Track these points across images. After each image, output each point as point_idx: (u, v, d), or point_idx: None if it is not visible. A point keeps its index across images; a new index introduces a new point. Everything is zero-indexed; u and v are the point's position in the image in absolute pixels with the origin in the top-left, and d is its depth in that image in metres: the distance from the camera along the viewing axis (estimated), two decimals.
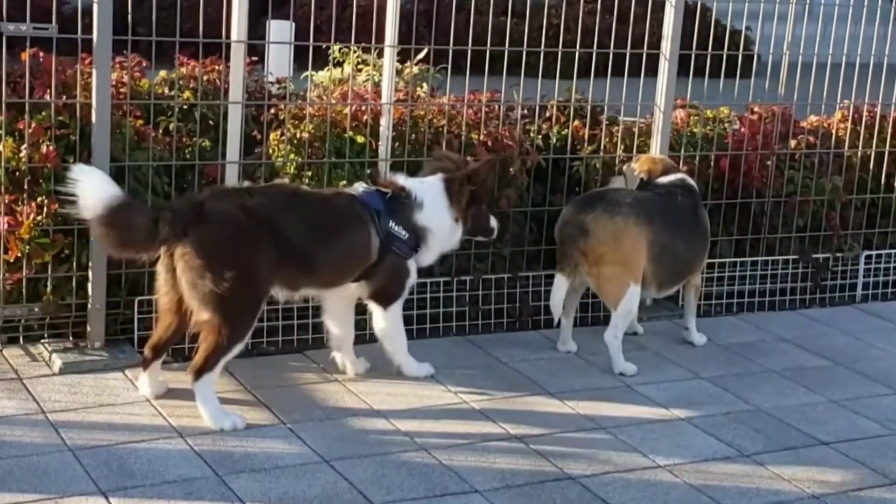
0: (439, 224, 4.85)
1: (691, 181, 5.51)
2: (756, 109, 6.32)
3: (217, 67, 5.50)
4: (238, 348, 4.48)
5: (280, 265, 4.49)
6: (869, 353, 5.65)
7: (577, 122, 6.01)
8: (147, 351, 4.62)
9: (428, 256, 4.90)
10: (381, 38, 5.32)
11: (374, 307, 4.86)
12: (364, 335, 5.09)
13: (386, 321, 4.85)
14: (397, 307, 4.85)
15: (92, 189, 4.26)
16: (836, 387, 5.21)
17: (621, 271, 5.15)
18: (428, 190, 4.84)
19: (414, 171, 5.41)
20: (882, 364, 5.51)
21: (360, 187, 4.80)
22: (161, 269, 4.47)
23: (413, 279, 4.87)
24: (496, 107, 5.77)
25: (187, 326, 4.54)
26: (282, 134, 5.27)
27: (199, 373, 4.42)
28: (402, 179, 4.85)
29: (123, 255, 4.53)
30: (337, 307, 4.88)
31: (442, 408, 4.74)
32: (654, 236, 5.18)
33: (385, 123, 5.35)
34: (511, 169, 5.63)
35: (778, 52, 6.28)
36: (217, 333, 4.39)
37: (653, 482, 4.27)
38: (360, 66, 6.03)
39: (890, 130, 6.47)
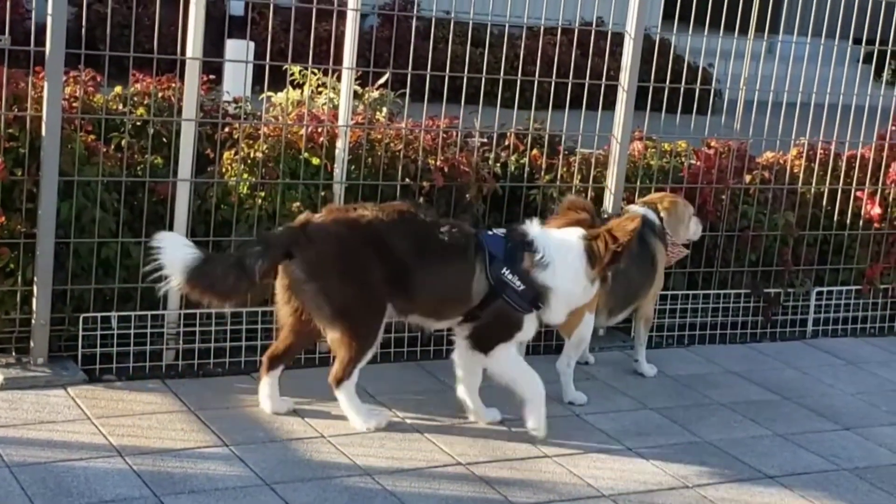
0: (570, 286, 4.62)
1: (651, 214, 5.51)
2: (713, 144, 6.36)
3: (173, 85, 5.47)
4: (370, 354, 4.61)
5: (389, 280, 4.51)
6: (817, 389, 5.67)
7: (535, 151, 6.02)
8: (264, 359, 4.71)
9: (554, 315, 4.68)
10: (340, 61, 5.32)
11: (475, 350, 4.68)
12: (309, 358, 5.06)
13: (494, 365, 4.68)
14: (501, 352, 4.64)
15: (172, 255, 4.39)
16: (783, 421, 5.22)
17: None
18: (564, 250, 4.62)
19: (369, 195, 5.42)
20: (829, 400, 5.53)
21: (498, 231, 4.70)
22: (277, 285, 4.56)
23: (526, 334, 4.69)
24: (454, 133, 5.77)
25: (305, 344, 4.77)
26: (235, 153, 5.24)
27: (339, 382, 4.60)
28: (535, 229, 4.65)
29: (230, 303, 4.60)
30: (459, 347, 4.75)
31: (388, 433, 4.71)
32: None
33: (341, 146, 5.33)
34: (467, 195, 5.62)
35: (737, 89, 6.32)
36: (347, 347, 4.54)
37: None
38: (319, 89, 6.02)
39: (843, 168, 6.52)
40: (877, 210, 6.53)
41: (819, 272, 6.57)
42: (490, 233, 4.70)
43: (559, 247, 4.64)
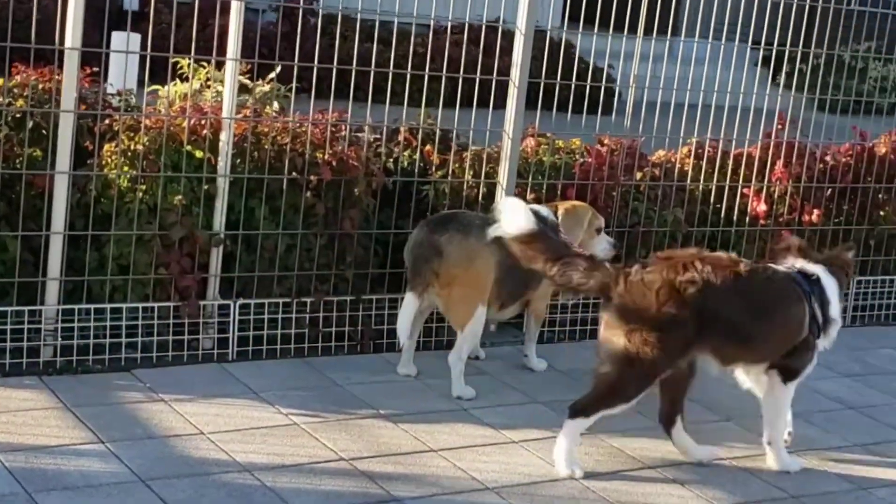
0: (838, 317, 4.81)
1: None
2: (605, 141, 6.40)
3: (56, 77, 5.34)
4: (620, 408, 4.55)
5: (707, 340, 4.52)
6: (702, 382, 5.69)
7: (427, 147, 6.00)
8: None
9: (827, 344, 4.84)
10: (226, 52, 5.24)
11: (774, 379, 4.75)
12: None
13: (781, 395, 4.76)
14: (793, 386, 4.79)
15: (516, 218, 4.46)
16: None
17: (471, 293, 5.14)
18: (831, 284, 4.79)
19: (254, 189, 5.36)
20: (711, 393, 5.57)
21: (793, 265, 4.78)
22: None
23: (813, 365, 4.83)
24: (343, 127, 5.72)
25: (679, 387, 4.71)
26: (116, 145, 5.13)
27: (575, 413, 4.53)
28: (809, 265, 4.79)
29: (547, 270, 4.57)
30: (762, 382, 4.83)
31: (270, 430, 4.64)
32: (500, 257, 5.16)
33: (225, 138, 5.25)
34: (356, 190, 5.58)
35: (636, 89, 6.37)
36: (610, 389, 4.49)
37: None
38: (209, 83, 5.93)
39: (731, 166, 6.60)
40: (762, 207, 6.62)
41: None
42: (795, 270, 4.78)
43: (827, 282, 4.79)
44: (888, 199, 7.00)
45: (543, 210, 5.50)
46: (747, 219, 6.65)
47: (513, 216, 4.51)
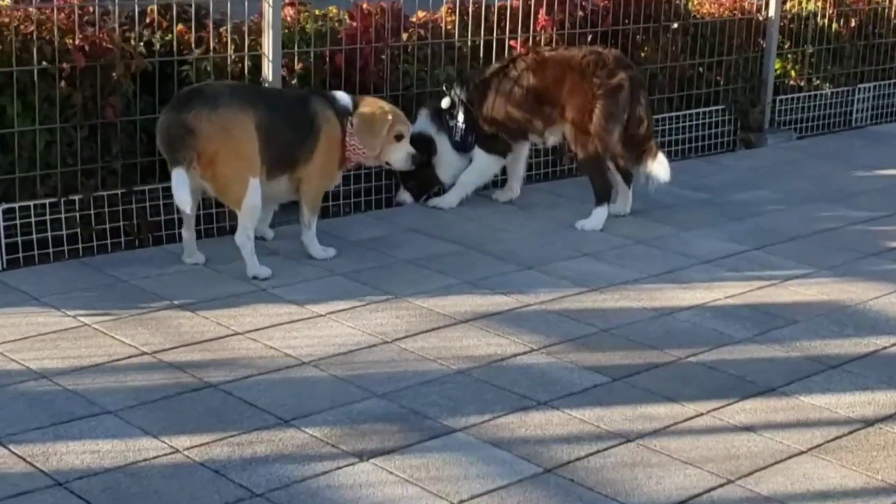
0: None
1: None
2: (365, 6, 6.18)
3: None
4: None
5: None
6: (495, 236, 5.69)
7: (181, 26, 5.63)
8: None
9: None
10: None
11: None
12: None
13: None
14: None
15: None
16: (470, 269, 5.20)
17: (238, 166, 4.87)
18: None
19: (3, 84, 4.90)
20: (508, 245, 5.57)
21: None
22: None
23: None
24: (90, 9, 5.28)
25: None
26: None
27: None
28: None
29: None
30: None
31: (61, 333, 4.30)
32: (259, 120, 4.91)
33: None
34: (114, 74, 5.18)
35: None
36: None
37: (299, 379, 4.07)
38: None
39: (495, 19, 6.52)
40: None
41: None
42: None
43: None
44: (646, 39, 7.11)
45: (344, 98, 5.28)
46: None
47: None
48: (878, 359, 4.48)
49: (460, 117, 6.00)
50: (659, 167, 5.90)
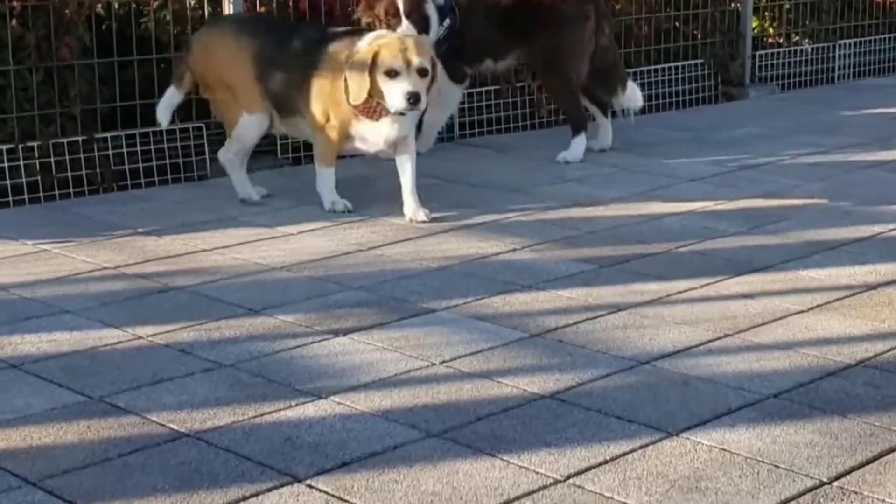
0: None
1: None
2: None
3: None
4: None
5: None
6: (479, 171, 5.48)
7: None
8: None
9: None
10: None
11: None
12: None
13: None
14: None
15: None
16: (452, 195, 5.00)
17: (230, 98, 4.70)
18: None
19: None
20: (490, 176, 5.37)
21: None
22: None
23: None
24: None
25: None
26: None
27: None
28: None
29: None
30: None
31: (20, 257, 4.10)
32: (258, 51, 4.66)
33: None
34: (67, 12, 5.00)
35: None
36: None
37: (270, 280, 3.86)
38: None
39: None
40: None
41: None
42: None
43: None
44: None
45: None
46: None
47: None
48: (877, 241, 4.29)
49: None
50: (631, 93, 5.77)
